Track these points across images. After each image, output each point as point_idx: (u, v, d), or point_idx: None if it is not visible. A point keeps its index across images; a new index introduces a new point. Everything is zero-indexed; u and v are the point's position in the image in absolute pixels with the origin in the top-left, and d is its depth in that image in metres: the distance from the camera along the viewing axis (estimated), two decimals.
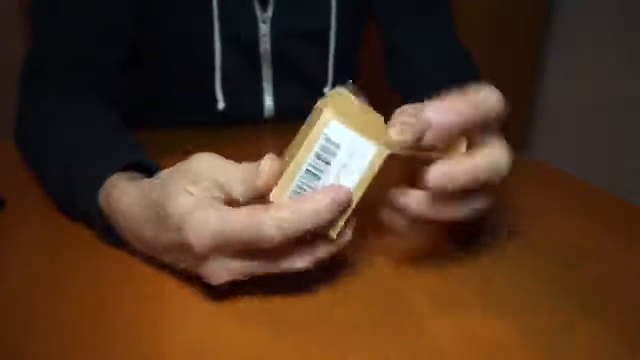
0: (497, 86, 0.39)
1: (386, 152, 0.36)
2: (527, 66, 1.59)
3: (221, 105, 0.72)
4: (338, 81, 0.76)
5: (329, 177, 0.36)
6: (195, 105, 0.75)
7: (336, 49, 0.75)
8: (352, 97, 0.38)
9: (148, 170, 0.46)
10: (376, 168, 0.36)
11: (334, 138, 0.36)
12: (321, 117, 0.35)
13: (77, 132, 0.51)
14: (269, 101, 0.76)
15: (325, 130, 0.35)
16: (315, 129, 0.35)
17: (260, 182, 0.35)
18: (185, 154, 0.39)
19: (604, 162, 1.52)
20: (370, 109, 0.38)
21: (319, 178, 0.36)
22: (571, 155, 1.56)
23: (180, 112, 0.78)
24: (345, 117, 0.36)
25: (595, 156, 1.55)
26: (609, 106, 1.53)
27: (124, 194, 0.41)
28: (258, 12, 0.71)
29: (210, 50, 0.70)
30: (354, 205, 0.37)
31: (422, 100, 0.37)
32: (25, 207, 0.52)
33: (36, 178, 0.54)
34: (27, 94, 0.61)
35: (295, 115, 0.38)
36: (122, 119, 0.56)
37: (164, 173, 0.39)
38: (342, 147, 0.36)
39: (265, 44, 0.72)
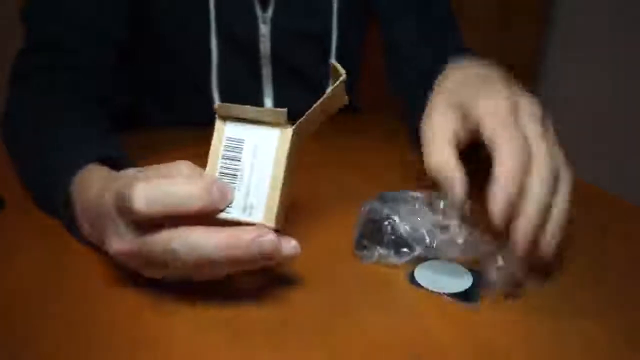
0: None
1: (289, 132, 0.37)
2: (527, 66, 1.59)
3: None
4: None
5: (244, 172, 0.37)
6: (194, 106, 0.75)
7: (337, 50, 0.75)
8: (242, 105, 0.38)
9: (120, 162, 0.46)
10: (286, 149, 0.37)
11: (233, 136, 0.38)
12: (216, 126, 0.38)
13: (52, 126, 0.52)
14: (268, 102, 0.76)
15: (225, 135, 0.38)
16: (215, 139, 0.38)
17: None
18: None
19: (604, 162, 1.52)
20: (264, 108, 0.39)
21: (235, 176, 0.38)
22: (571, 155, 1.56)
23: (179, 112, 0.78)
24: (236, 118, 0.38)
25: (595, 156, 1.55)
26: (609, 106, 1.53)
27: (89, 187, 0.42)
28: (258, 12, 0.71)
29: (207, 50, 0.70)
30: (279, 189, 0.37)
31: (423, 102, 0.38)
32: (25, 207, 0.52)
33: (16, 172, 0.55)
34: (12, 93, 0.62)
35: (295, 116, 0.38)
36: (114, 119, 0.57)
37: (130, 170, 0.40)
38: (246, 143, 0.38)
39: (265, 45, 0.72)
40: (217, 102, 0.72)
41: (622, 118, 1.51)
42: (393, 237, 0.43)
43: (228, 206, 0.37)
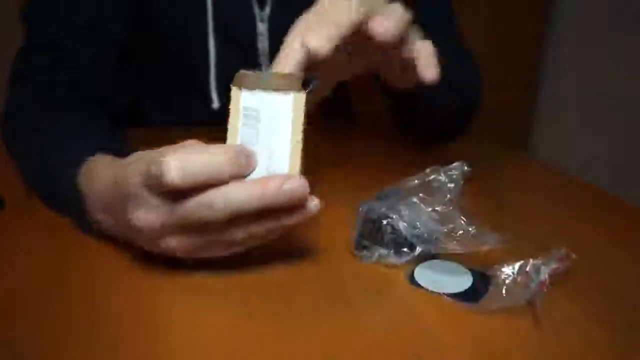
0: (497, 86, 0.39)
1: (303, 97, 0.39)
2: (527, 66, 1.59)
3: (216, 104, 0.72)
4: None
5: (265, 137, 0.39)
6: (193, 105, 0.75)
7: None
8: (258, 72, 0.40)
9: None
10: (302, 113, 0.39)
11: (249, 105, 0.39)
12: (232, 95, 0.39)
13: (52, 126, 0.53)
14: None
15: (241, 105, 0.39)
16: (232, 108, 0.39)
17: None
18: None
19: (604, 162, 1.52)
20: (281, 72, 0.40)
21: (256, 144, 0.39)
22: (571, 155, 1.56)
23: (179, 112, 0.78)
24: (252, 86, 0.39)
25: (595, 156, 1.55)
26: (609, 106, 1.53)
27: (99, 176, 0.43)
28: (256, 11, 0.71)
29: (206, 50, 0.70)
30: (300, 151, 0.39)
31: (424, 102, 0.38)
32: (25, 207, 0.52)
33: (18, 171, 0.55)
34: (12, 92, 0.62)
35: None
36: (114, 119, 0.57)
37: (136, 153, 0.40)
38: (262, 111, 0.39)
39: (263, 43, 0.72)
40: (215, 102, 0.72)
41: (622, 118, 1.51)
42: (393, 237, 0.43)
43: (251, 174, 0.39)
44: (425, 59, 0.44)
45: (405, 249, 0.43)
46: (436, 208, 0.43)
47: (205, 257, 0.41)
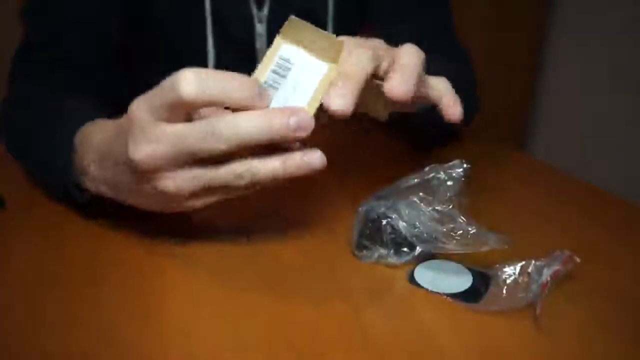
0: (497, 86, 0.39)
1: (335, 68, 0.39)
2: (527, 66, 1.59)
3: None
4: None
5: (286, 89, 0.39)
6: None
7: None
8: (307, 23, 0.40)
9: None
10: (327, 83, 0.39)
11: (286, 57, 0.40)
12: (275, 40, 0.40)
13: (50, 125, 0.53)
14: None
15: (279, 52, 0.40)
16: (270, 52, 0.40)
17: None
18: None
19: (604, 162, 1.52)
20: (328, 34, 0.40)
21: (277, 91, 0.39)
22: (571, 155, 1.56)
23: None
24: (296, 40, 0.40)
25: (595, 156, 1.55)
26: (609, 106, 1.53)
27: (99, 130, 0.43)
28: (254, 11, 0.71)
29: (204, 50, 0.70)
30: (312, 115, 0.39)
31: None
32: (25, 207, 0.52)
33: (18, 168, 0.56)
34: (11, 92, 0.63)
35: None
36: (113, 117, 0.57)
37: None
38: (295, 65, 0.40)
39: (261, 44, 0.72)
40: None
41: (622, 118, 1.51)
42: (393, 237, 0.43)
43: None
44: (447, 100, 0.43)
45: (405, 249, 0.43)
46: (436, 207, 0.43)
47: (199, 205, 0.40)
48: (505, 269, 0.41)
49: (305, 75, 0.39)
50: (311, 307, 0.39)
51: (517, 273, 0.40)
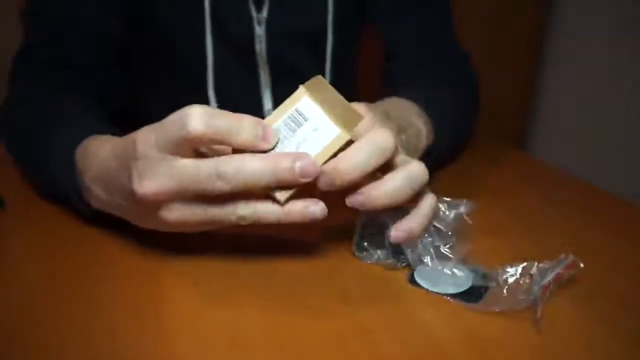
0: (497, 86, 0.39)
1: (347, 138, 0.39)
2: (527, 66, 1.59)
3: (214, 105, 0.72)
4: (336, 83, 0.75)
5: (291, 144, 0.39)
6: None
7: (333, 51, 0.75)
8: (332, 87, 0.40)
9: None
10: (335, 149, 0.39)
11: (303, 111, 0.39)
12: (295, 92, 0.40)
13: (50, 124, 0.53)
14: (266, 102, 0.76)
15: (298, 104, 0.39)
16: (289, 100, 0.40)
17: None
18: None
19: (604, 162, 1.52)
20: (347, 102, 0.40)
21: (282, 142, 0.39)
22: (571, 155, 1.56)
23: None
24: (318, 98, 0.39)
25: (595, 156, 1.55)
26: (609, 106, 1.53)
27: (102, 150, 0.43)
28: (253, 13, 0.71)
29: (203, 50, 0.70)
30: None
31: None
32: (25, 207, 0.52)
33: (17, 167, 0.56)
34: (11, 91, 0.63)
35: None
36: (114, 119, 0.58)
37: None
38: (309, 121, 0.39)
39: (260, 45, 0.72)
40: (213, 104, 0.72)
41: (622, 118, 1.51)
42: (392, 244, 0.43)
43: None
44: (405, 224, 0.42)
45: (403, 256, 0.43)
46: (436, 244, 0.43)
47: (197, 231, 0.40)
48: (507, 270, 0.41)
49: (315, 135, 0.39)
50: (311, 308, 0.39)
51: (518, 274, 0.40)
